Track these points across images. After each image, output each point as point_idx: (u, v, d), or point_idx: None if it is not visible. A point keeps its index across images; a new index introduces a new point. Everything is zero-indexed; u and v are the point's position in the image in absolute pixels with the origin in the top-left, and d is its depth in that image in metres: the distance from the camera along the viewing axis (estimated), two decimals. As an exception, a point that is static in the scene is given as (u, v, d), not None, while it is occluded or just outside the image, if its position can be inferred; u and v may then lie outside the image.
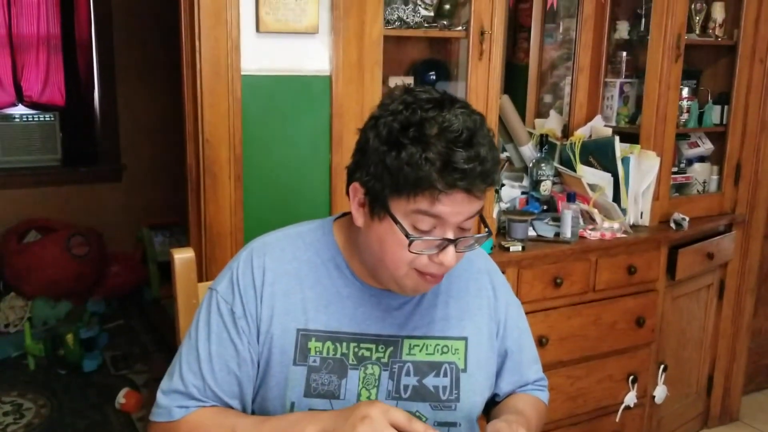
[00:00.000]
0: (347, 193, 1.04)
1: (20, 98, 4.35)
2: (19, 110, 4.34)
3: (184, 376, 1.03)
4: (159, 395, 1.05)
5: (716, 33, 2.64)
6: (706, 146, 2.77)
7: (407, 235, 0.96)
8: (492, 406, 1.21)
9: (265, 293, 1.05)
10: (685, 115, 2.63)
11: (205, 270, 1.79)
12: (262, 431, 0.96)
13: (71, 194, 4.30)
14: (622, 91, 2.66)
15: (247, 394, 1.06)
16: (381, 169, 0.96)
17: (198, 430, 1.00)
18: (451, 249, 0.98)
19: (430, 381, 1.08)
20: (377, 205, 0.98)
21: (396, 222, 0.96)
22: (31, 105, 4.38)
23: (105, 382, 3.16)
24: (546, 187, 2.45)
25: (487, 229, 1.04)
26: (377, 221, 0.99)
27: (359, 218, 1.03)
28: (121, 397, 2.89)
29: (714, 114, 2.71)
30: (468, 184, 0.93)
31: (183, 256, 1.33)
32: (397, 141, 0.94)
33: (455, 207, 0.95)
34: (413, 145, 0.93)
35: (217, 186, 1.79)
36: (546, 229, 2.33)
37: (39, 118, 4.32)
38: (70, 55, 4.45)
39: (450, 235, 0.97)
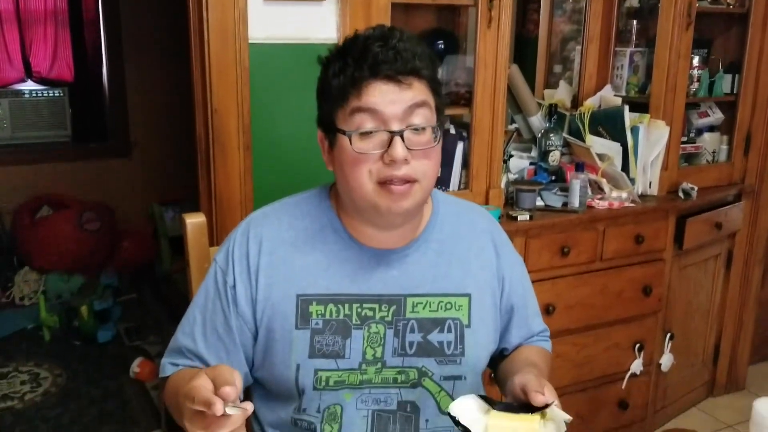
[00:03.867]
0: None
1: (29, 74, 4.37)
2: (28, 86, 4.36)
3: (179, 337, 1.10)
4: (165, 355, 1.11)
5: (728, 1, 2.61)
6: (716, 116, 2.76)
7: (345, 133, 1.00)
8: (500, 359, 1.24)
9: (262, 262, 1.08)
10: (696, 85, 2.62)
11: (216, 239, 1.81)
12: (179, 394, 0.91)
13: (81, 170, 4.33)
14: (632, 61, 2.65)
15: (234, 361, 1.08)
16: (321, 96, 1.05)
17: (171, 386, 1.05)
18: (397, 141, 0.98)
19: (434, 337, 1.10)
20: (329, 132, 1.04)
21: (339, 131, 1.01)
22: (40, 81, 4.40)
23: (119, 353, 3.22)
24: (554, 157, 2.45)
25: (436, 119, 1.03)
26: (337, 150, 1.03)
27: (328, 163, 1.07)
28: (136, 366, 2.95)
29: (725, 83, 2.69)
30: (387, 68, 0.98)
31: (195, 221, 1.35)
32: (326, 61, 1.05)
33: (384, 96, 0.98)
34: (337, 59, 1.02)
35: (227, 155, 1.81)
36: (554, 199, 2.34)
37: (48, 93, 4.34)
38: (78, 31, 4.46)
39: (394, 127, 0.99)
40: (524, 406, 0.96)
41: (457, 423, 0.93)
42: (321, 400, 1.07)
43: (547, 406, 0.95)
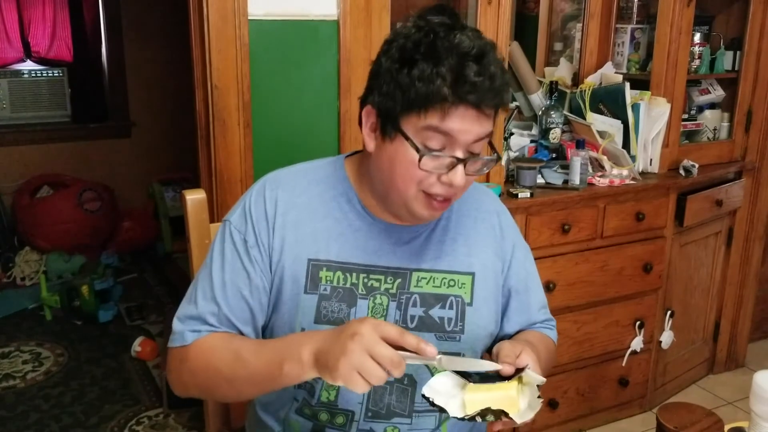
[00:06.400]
0: (360, 122, 1.06)
1: (28, 54, 4.35)
2: (27, 66, 4.35)
3: (198, 303, 1.06)
4: (175, 322, 1.08)
5: (730, -23, 2.59)
6: (717, 93, 2.75)
7: (417, 150, 0.97)
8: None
9: (277, 223, 1.07)
10: (697, 61, 2.60)
11: (217, 216, 1.81)
12: (262, 352, 0.98)
13: (81, 150, 4.33)
14: (633, 38, 2.63)
15: (258, 321, 1.08)
16: (393, 87, 0.97)
17: (207, 353, 1.03)
18: (460, 169, 0.98)
19: (435, 312, 1.10)
20: (389, 125, 1.00)
21: (407, 139, 0.98)
22: (39, 61, 4.38)
23: (120, 332, 3.23)
24: (555, 135, 2.44)
25: (495, 154, 1.05)
26: (388, 142, 1.00)
27: (370, 142, 1.04)
28: (137, 345, 2.96)
29: (726, 60, 2.67)
30: (478, 99, 0.94)
31: (195, 197, 1.35)
32: (410, 58, 0.96)
33: (465, 124, 0.96)
34: (425, 60, 0.95)
35: (227, 132, 1.80)
36: (555, 176, 2.33)
37: (47, 73, 4.32)
38: (77, 10, 4.43)
39: (460, 154, 0.98)
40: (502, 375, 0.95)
41: (432, 404, 0.92)
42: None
43: (521, 370, 0.94)
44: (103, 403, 2.63)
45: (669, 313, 2.55)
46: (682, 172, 2.48)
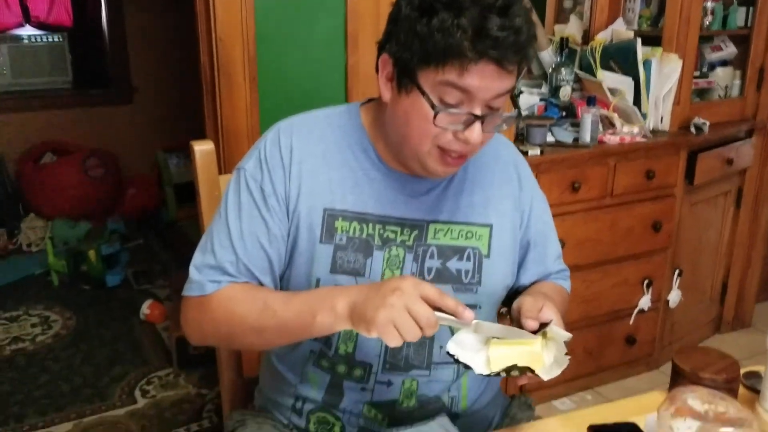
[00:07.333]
0: (376, 69, 1.02)
1: (27, 19, 4.29)
2: (27, 31, 4.29)
3: (216, 252, 1.04)
4: (192, 270, 1.05)
5: (744, -71, 2.53)
6: (730, 50, 2.70)
7: (433, 107, 0.94)
8: (514, 296, 1.22)
9: (293, 171, 1.05)
10: (709, 17, 2.55)
11: (224, 170, 1.80)
12: (292, 303, 0.98)
13: (83, 117, 4.29)
14: (644, -7, 2.58)
15: (276, 271, 1.07)
16: (411, 37, 0.93)
17: (230, 303, 1.02)
18: (477, 126, 0.95)
19: (453, 264, 1.09)
20: (405, 77, 0.96)
21: (423, 93, 0.94)
22: (39, 26, 4.32)
23: (128, 296, 3.24)
24: (565, 92, 2.40)
25: (516, 110, 1.02)
26: (404, 95, 0.97)
27: (386, 92, 1.01)
28: (146, 308, 2.97)
29: (738, 16, 2.63)
30: (500, 54, 0.90)
31: (203, 148, 1.33)
32: (430, 7, 0.91)
33: (484, 81, 0.92)
34: (446, 10, 0.90)
35: (232, 87, 1.77)
36: (565, 134, 2.31)
37: (47, 39, 4.27)
38: (75, -27, 4.36)
39: (477, 111, 0.95)
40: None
41: (456, 361, 0.91)
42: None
43: (545, 325, 0.93)
44: (113, 365, 2.65)
45: (677, 272, 2.54)
46: (693, 129, 2.45)
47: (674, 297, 2.56)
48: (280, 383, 1.16)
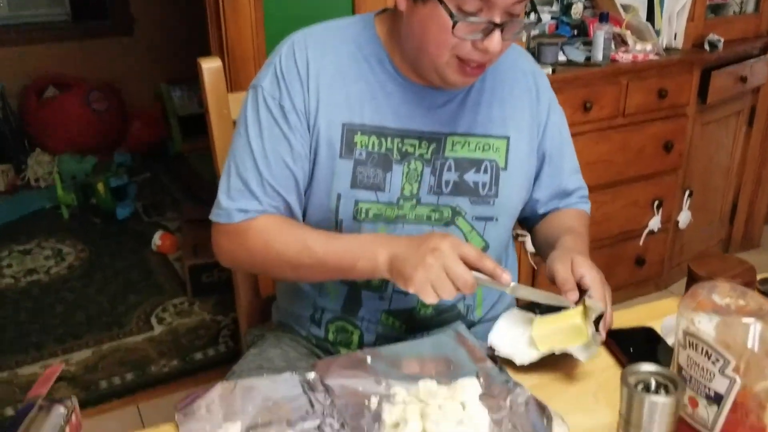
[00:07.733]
0: None
1: (20, -52, 4.16)
2: (20, -40, 4.17)
3: (241, 174, 1.03)
4: (220, 196, 1.04)
5: None
6: (747, -37, 2.61)
7: (451, 16, 0.91)
8: (535, 221, 1.22)
9: (311, 86, 1.03)
10: (727, -72, 2.46)
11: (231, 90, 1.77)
12: (332, 245, 0.98)
13: (83, 50, 4.22)
14: None
15: (302, 189, 1.06)
16: None
17: (266, 235, 1.01)
18: (496, 34, 0.93)
19: (470, 177, 1.08)
20: None
21: (440, 2, 0.91)
22: (32, -45, 4.19)
23: (139, 228, 3.26)
24: (577, 10, 2.34)
25: (536, 15, 0.99)
26: (420, 3, 0.94)
27: (402, 1, 0.98)
28: (157, 239, 2.99)
29: (758, -74, 2.53)
30: None
31: (211, 66, 1.30)
32: None
33: None
34: None
35: (237, 6, 1.73)
36: (576, 53, 2.26)
37: (43, -31, 4.15)
38: None
39: (497, 19, 0.92)
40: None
41: (494, 357, 0.91)
42: (359, 233, 1.06)
43: (584, 292, 0.94)
44: (127, 294, 2.69)
45: (687, 193, 2.53)
46: (706, 46, 2.40)
47: (684, 218, 2.56)
48: (298, 296, 1.17)
